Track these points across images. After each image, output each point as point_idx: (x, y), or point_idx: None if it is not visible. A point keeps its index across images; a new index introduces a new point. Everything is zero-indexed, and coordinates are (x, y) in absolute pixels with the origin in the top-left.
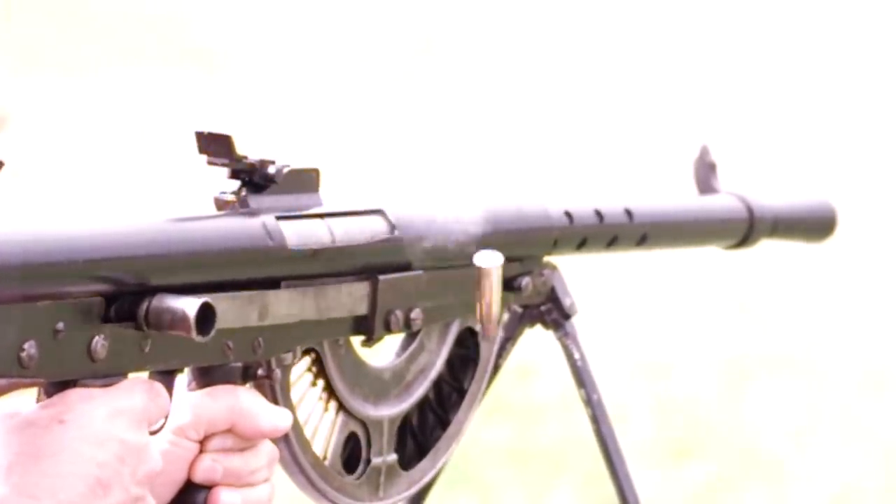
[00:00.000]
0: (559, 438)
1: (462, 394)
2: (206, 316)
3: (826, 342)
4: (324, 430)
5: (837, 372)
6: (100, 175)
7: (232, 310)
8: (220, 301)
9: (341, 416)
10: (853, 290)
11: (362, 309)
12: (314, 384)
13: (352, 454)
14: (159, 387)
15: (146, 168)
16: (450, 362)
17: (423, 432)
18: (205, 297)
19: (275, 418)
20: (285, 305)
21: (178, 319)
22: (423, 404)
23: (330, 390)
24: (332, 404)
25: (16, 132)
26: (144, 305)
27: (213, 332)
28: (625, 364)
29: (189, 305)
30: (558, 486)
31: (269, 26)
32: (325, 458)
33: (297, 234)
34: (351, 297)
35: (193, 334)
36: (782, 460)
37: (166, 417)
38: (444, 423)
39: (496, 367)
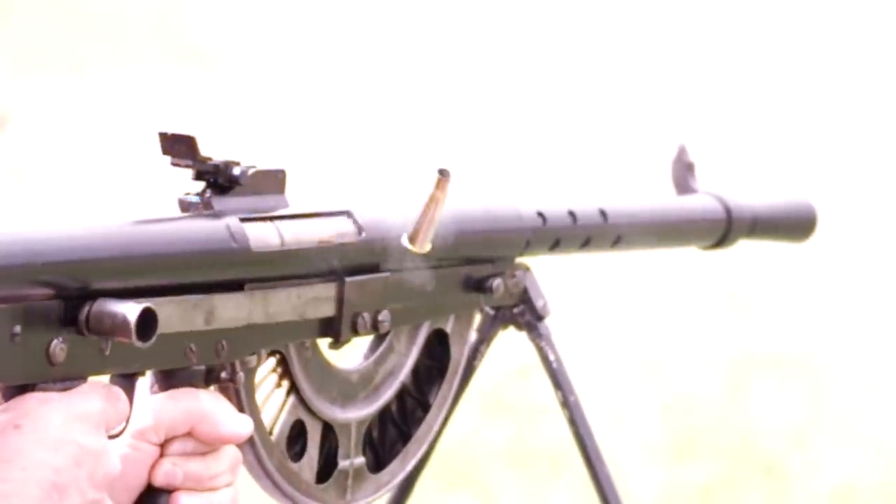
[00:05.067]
0: (559, 438)
1: (426, 408)
2: (148, 321)
3: (826, 342)
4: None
5: (837, 372)
6: (100, 175)
7: (193, 313)
8: (181, 304)
9: (291, 399)
10: (853, 290)
11: (329, 311)
12: (279, 386)
13: (300, 444)
14: (118, 391)
15: (145, 167)
16: (416, 373)
17: (382, 445)
18: (146, 302)
19: (235, 424)
20: (250, 308)
21: (119, 324)
22: (384, 416)
23: (296, 393)
24: (285, 384)
25: (16, 132)
26: (85, 310)
27: (153, 339)
28: (625, 364)
29: (130, 310)
30: (558, 486)
31: (267, 25)
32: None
33: (262, 235)
34: (317, 300)
35: (134, 340)
36: (782, 460)
37: (127, 421)
38: (405, 438)
39: (472, 369)
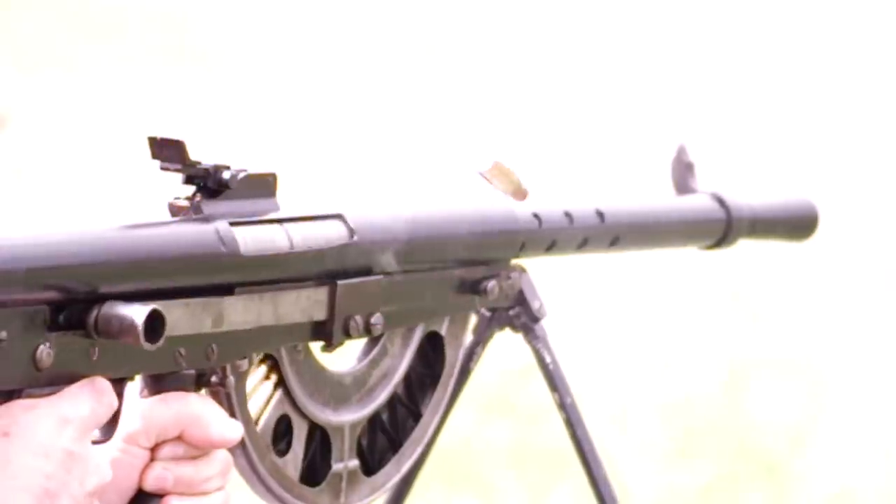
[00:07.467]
0: (561, 439)
1: (417, 417)
2: (155, 323)
3: (826, 342)
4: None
5: (837, 372)
6: (100, 175)
7: (185, 317)
8: (172, 308)
9: (277, 394)
10: (854, 291)
11: (321, 314)
12: (267, 378)
13: (286, 441)
14: (103, 383)
15: (145, 168)
16: (408, 381)
17: (371, 454)
18: (153, 305)
19: (226, 428)
20: (241, 312)
21: (127, 327)
22: (374, 424)
23: (283, 388)
24: (273, 378)
25: (16, 132)
26: (94, 313)
27: (161, 341)
28: (625, 364)
29: (137, 313)
30: (559, 486)
31: (268, 26)
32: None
33: (252, 239)
34: (309, 303)
35: (142, 342)
36: (782, 460)
37: (116, 423)
38: (395, 447)
39: (468, 371)
